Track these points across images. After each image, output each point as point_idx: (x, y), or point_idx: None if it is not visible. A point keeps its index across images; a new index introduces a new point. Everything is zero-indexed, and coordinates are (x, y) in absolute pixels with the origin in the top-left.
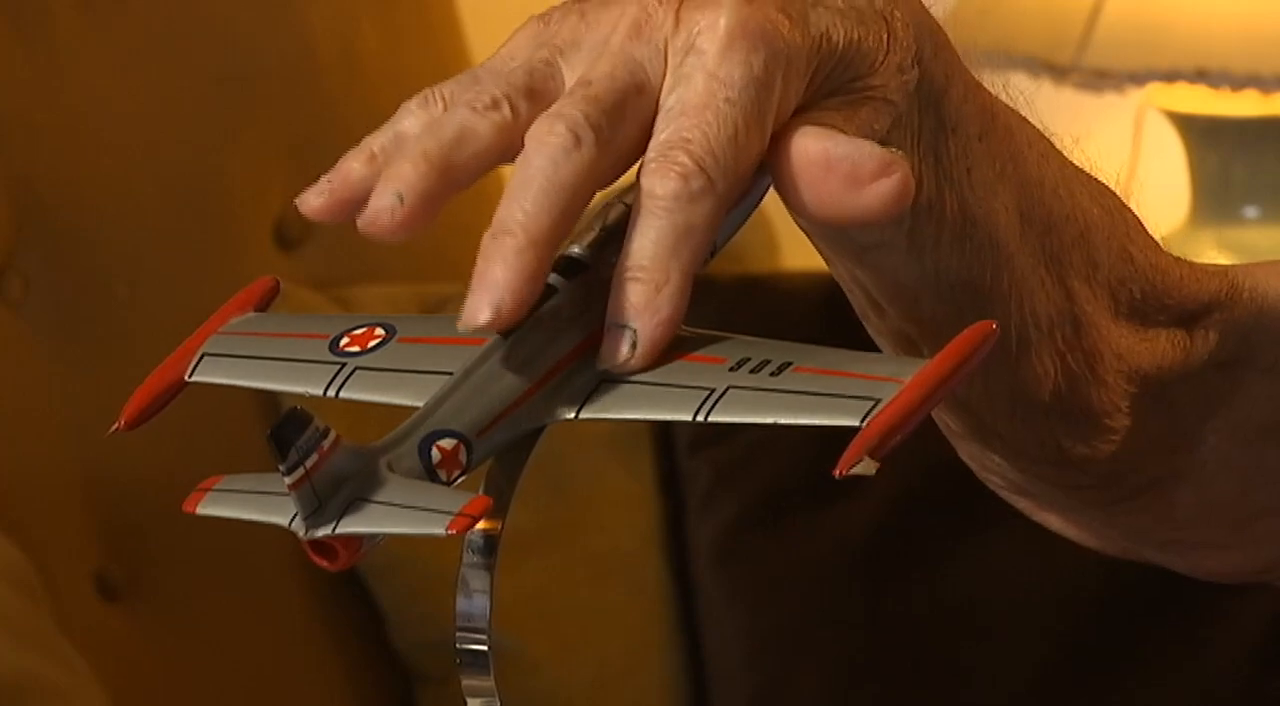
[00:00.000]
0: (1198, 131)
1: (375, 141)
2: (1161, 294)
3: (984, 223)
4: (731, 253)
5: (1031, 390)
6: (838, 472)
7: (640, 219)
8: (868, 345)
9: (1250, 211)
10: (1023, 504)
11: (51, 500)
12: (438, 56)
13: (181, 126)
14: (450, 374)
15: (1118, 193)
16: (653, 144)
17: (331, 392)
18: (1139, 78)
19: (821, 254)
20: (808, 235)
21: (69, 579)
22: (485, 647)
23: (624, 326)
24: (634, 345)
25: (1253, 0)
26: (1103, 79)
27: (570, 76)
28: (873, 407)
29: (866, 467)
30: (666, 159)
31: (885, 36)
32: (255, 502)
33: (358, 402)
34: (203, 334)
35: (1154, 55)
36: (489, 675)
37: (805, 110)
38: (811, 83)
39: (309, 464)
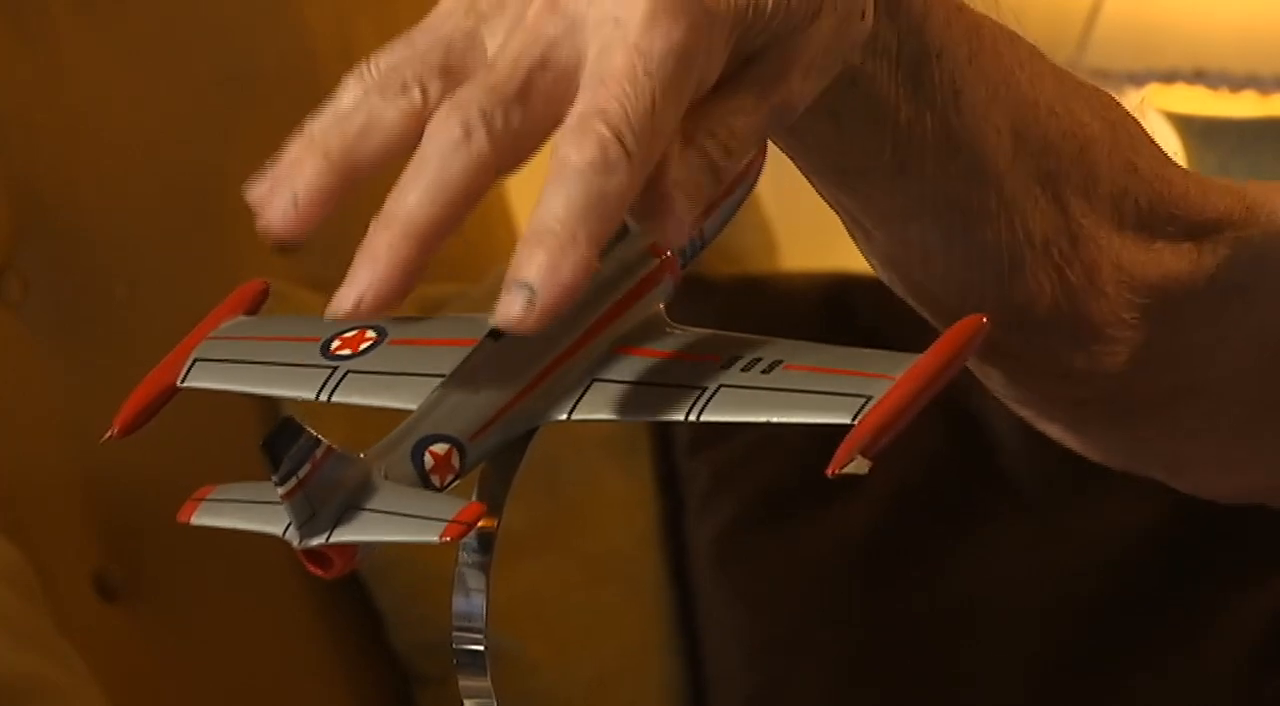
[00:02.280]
0: (1196, 132)
1: (315, 124)
2: (1169, 204)
3: (970, 145)
4: (731, 253)
5: (1026, 306)
6: (830, 472)
7: (553, 183)
8: (868, 346)
9: None
10: (1025, 413)
11: (51, 500)
12: None
13: (181, 126)
14: (442, 376)
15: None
16: (570, 113)
17: (324, 397)
18: (1138, 78)
19: (805, 175)
20: (787, 154)
21: (69, 579)
22: (482, 647)
23: (523, 284)
24: (530, 304)
25: (1251, 1)
26: (1101, 80)
27: (492, 45)
28: (864, 405)
29: (859, 466)
30: (583, 128)
31: None
32: (249, 512)
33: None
34: (194, 339)
35: (1153, 56)
36: (485, 675)
37: (721, 88)
38: (737, 50)
39: (302, 473)
